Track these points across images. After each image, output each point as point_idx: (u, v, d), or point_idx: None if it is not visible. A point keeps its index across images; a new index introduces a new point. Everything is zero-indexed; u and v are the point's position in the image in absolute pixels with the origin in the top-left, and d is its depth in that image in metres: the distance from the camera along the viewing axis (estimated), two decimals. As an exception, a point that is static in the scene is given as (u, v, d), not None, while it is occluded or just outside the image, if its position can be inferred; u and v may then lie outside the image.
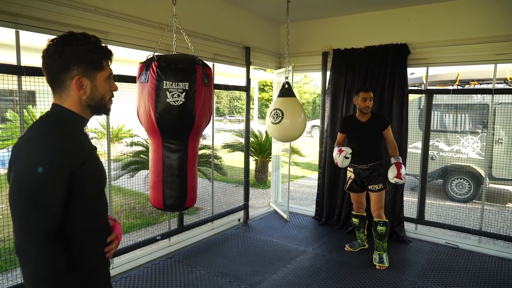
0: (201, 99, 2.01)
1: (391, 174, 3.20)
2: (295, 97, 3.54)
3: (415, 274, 3.09)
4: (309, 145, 9.47)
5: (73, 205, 1.05)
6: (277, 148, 5.19)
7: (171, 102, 1.93)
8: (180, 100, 1.94)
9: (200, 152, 5.67)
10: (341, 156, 3.26)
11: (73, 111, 1.12)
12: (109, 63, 1.18)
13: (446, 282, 2.97)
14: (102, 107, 1.18)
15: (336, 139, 3.57)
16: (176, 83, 1.92)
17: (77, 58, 1.08)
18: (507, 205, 5.66)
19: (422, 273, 3.13)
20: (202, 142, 5.77)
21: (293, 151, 7.20)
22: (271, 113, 3.39)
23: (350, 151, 3.28)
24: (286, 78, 3.50)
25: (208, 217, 3.93)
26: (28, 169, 0.97)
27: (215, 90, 4.08)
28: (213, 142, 4.19)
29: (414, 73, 6.76)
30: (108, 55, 1.16)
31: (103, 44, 1.17)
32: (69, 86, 1.10)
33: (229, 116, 27.26)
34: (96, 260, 1.15)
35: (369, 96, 3.27)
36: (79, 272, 1.08)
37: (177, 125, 1.98)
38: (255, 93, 13.99)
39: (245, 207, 4.40)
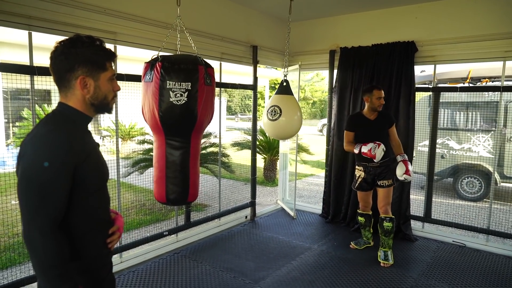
0: (203, 98, 2.07)
1: (400, 171, 3.22)
2: (293, 95, 3.55)
3: (419, 272, 3.09)
4: (320, 143, 9.44)
5: (76, 198, 1.12)
6: (285, 146, 5.23)
7: (174, 101, 1.99)
8: (183, 100, 2.01)
9: (208, 150, 5.76)
10: (379, 148, 3.16)
11: (78, 109, 1.18)
12: (112, 64, 1.24)
13: (451, 280, 2.96)
14: (105, 105, 1.24)
15: (345, 138, 3.46)
16: (179, 83, 1.99)
17: (82, 59, 1.14)
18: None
19: (427, 271, 3.12)
20: (211, 140, 5.85)
21: (302, 149, 7.21)
22: (268, 109, 3.39)
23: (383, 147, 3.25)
24: (285, 76, 3.52)
25: (215, 213, 4.00)
26: (35, 164, 1.04)
27: (227, 89, 4.12)
28: (220, 140, 4.25)
29: (425, 71, 6.69)
30: (111, 56, 1.22)
31: (107, 46, 1.23)
32: (74, 85, 1.16)
33: (241, 115, 27.38)
34: (98, 250, 1.22)
35: (383, 94, 3.30)
36: (82, 261, 1.15)
37: (179, 123, 2.05)
38: (266, 91, 13.99)
39: (252, 204, 4.45)
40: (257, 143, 7.36)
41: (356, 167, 3.52)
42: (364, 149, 3.21)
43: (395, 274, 3.04)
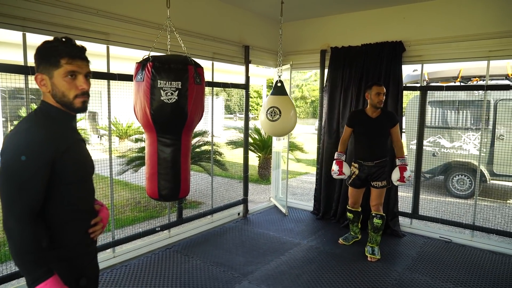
0: (193, 97, 2.14)
1: (395, 176, 3.25)
2: (288, 95, 3.65)
3: (404, 266, 3.18)
4: (315, 142, 9.56)
5: (56, 189, 1.20)
6: (278, 145, 5.30)
7: (165, 100, 2.06)
8: (173, 98, 2.08)
9: (202, 148, 5.84)
10: (338, 176, 3.44)
11: (55, 106, 1.24)
12: (71, 61, 1.20)
13: (434, 274, 3.05)
14: (68, 104, 1.24)
15: (343, 133, 3.54)
16: (169, 82, 2.05)
17: (38, 57, 1.22)
18: (508, 201, 5.66)
19: (412, 265, 3.21)
20: (205, 138, 5.93)
21: (296, 148, 7.30)
22: (267, 111, 3.50)
23: (348, 174, 3.46)
24: (279, 76, 3.61)
25: (207, 210, 4.08)
26: (14, 158, 1.12)
27: (226, 89, 4.19)
28: (212, 138, 4.33)
29: (417, 70, 6.79)
30: (64, 54, 1.20)
31: (77, 44, 1.25)
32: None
33: (239, 114, 27.47)
34: (78, 239, 1.29)
35: (383, 90, 3.25)
36: (61, 249, 1.23)
37: (170, 121, 2.12)
38: (263, 90, 14.10)
39: (244, 201, 4.53)
40: (252, 141, 7.47)
41: (352, 163, 3.51)
42: (333, 166, 3.47)
43: (380, 268, 3.13)
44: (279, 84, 3.56)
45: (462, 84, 6.27)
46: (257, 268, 3.09)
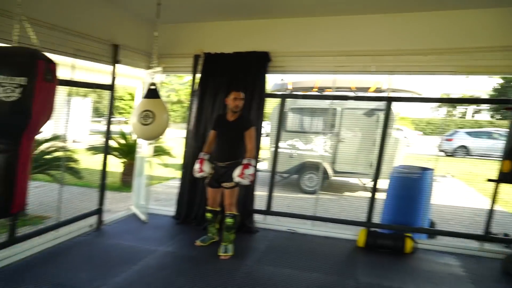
0: (41, 96, 1.91)
1: (235, 173, 3.36)
2: (161, 98, 3.54)
3: (254, 259, 3.43)
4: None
5: None
6: (146, 150, 5.04)
7: (2, 98, 1.80)
8: (14, 96, 1.82)
9: (54, 154, 5.16)
10: (199, 174, 3.56)
11: None
12: None
13: (277, 262, 3.39)
14: None
15: (209, 136, 3.70)
16: (10, 77, 1.81)
17: None
18: (343, 194, 6.74)
19: (260, 257, 3.49)
20: (58, 144, 5.25)
21: (164, 152, 7.13)
22: (141, 115, 3.31)
23: (208, 172, 3.56)
24: (153, 79, 3.49)
25: (49, 225, 3.59)
26: None
27: (97, 90, 3.73)
28: (66, 144, 3.88)
29: (283, 79, 7.48)
30: None
31: None
32: None
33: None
34: None
35: (240, 96, 3.47)
36: None
37: (7, 122, 1.86)
38: (138, 93, 13.36)
39: (99, 211, 4.16)
40: (118, 146, 6.97)
41: (211, 165, 3.64)
42: (195, 165, 3.58)
43: (232, 264, 3.30)
44: (152, 87, 3.43)
45: (317, 93, 7.17)
46: (104, 283, 2.86)
